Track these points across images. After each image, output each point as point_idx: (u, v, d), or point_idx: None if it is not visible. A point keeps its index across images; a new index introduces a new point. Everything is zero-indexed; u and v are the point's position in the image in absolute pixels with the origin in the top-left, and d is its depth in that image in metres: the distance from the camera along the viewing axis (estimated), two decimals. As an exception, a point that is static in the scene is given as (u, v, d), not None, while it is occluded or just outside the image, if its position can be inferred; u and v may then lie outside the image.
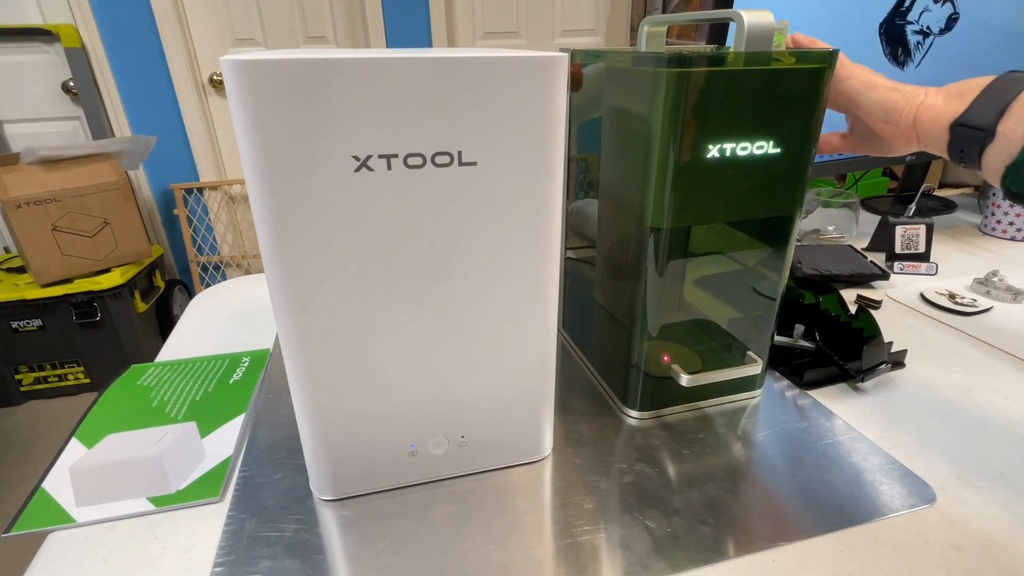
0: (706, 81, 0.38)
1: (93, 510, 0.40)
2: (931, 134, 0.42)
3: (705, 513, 0.40)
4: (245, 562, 0.37)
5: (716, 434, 0.48)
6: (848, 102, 0.47)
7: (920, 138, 0.44)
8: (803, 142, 0.42)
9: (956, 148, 0.41)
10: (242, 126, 0.29)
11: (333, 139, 0.30)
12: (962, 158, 0.40)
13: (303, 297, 0.34)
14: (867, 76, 0.45)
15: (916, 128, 0.43)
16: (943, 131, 0.41)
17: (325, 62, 0.29)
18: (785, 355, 0.57)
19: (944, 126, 0.41)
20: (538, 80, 0.32)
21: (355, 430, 0.39)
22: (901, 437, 0.47)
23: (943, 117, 0.41)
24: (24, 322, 1.63)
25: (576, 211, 0.57)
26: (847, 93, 0.46)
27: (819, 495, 0.41)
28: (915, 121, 0.43)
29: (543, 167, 0.35)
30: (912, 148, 0.46)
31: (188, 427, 0.48)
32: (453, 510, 0.41)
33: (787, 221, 0.46)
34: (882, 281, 0.74)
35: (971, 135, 0.39)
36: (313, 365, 0.36)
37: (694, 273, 0.46)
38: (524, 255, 0.37)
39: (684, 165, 0.40)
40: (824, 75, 0.41)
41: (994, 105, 0.38)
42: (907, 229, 0.79)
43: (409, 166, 0.32)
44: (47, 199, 1.54)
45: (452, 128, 0.32)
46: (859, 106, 0.46)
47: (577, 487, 0.43)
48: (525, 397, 0.42)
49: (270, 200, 0.31)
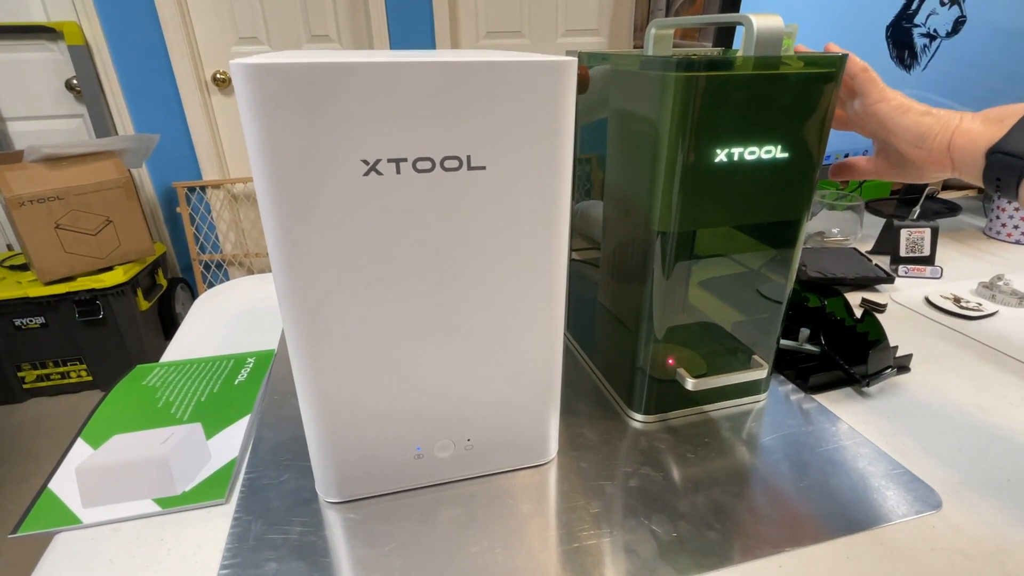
0: (714, 85, 0.38)
1: (99, 511, 0.40)
2: (967, 160, 0.41)
3: (711, 518, 0.40)
4: (251, 565, 0.37)
5: (721, 438, 0.48)
6: (879, 126, 0.45)
7: (955, 164, 0.42)
8: (811, 147, 0.42)
9: (992, 176, 0.39)
10: (252, 129, 0.29)
11: (342, 143, 0.30)
12: (998, 187, 0.39)
13: (311, 300, 0.34)
14: (900, 100, 0.44)
15: (951, 153, 0.42)
16: (979, 158, 0.40)
17: (335, 66, 0.29)
18: (790, 359, 0.57)
19: (980, 152, 0.39)
20: (548, 84, 0.32)
21: (361, 432, 0.39)
22: (907, 442, 0.47)
23: (980, 142, 0.40)
24: (27, 320, 1.64)
25: (579, 213, 0.57)
26: (878, 116, 0.45)
27: (824, 500, 0.41)
28: (950, 146, 0.42)
29: (552, 171, 0.35)
30: (945, 175, 0.45)
31: (194, 428, 0.48)
32: (459, 513, 0.41)
33: (794, 225, 0.46)
34: (887, 284, 0.74)
35: (1009, 163, 0.38)
36: (320, 367, 0.36)
37: (700, 276, 0.46)
38: (532, 259, 0.37)
39: (691, 169, 0.40)
40: (833, 80, 0.41)
41: None
42: (912, 232, 0.79)
43: (418, 170, 0.32)
44: (50, 197, 1.55)
45: (461, 132, 0.32)
46: (891, 131, 0.45)
47: (582, 491, 0.43)
48: (531, 400, 0.42)
49: (279, 203, 0.31)
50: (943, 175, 0.45)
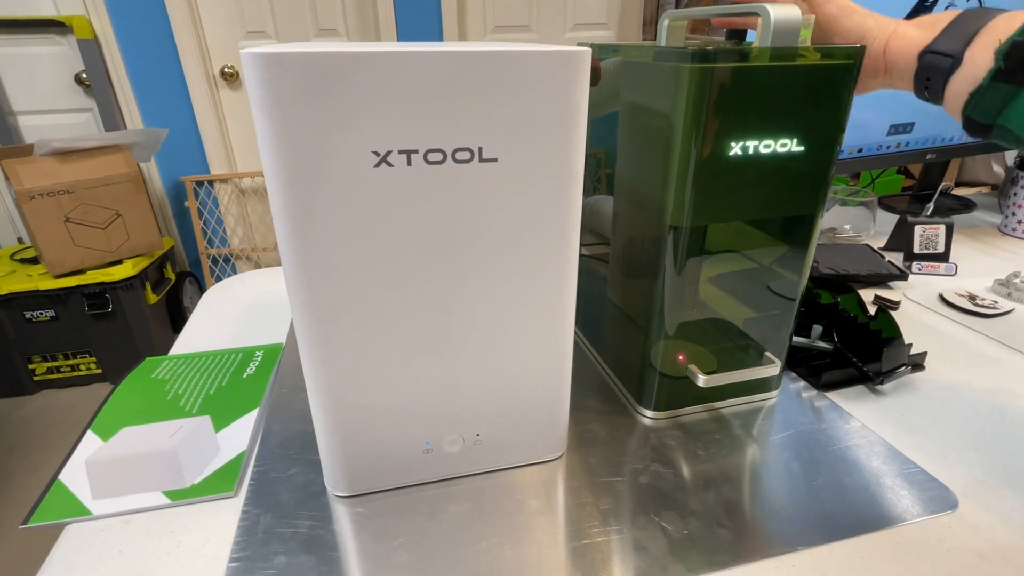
0: (730, 77, 0.38)
1: (109, 503, 0.40)
2: (899, 63, 0.43)
3: (722, 515, 0.39)
4: (260, 558, 0.37)
5: (732, 435, 0.48)
6: (823, 28, 0.46)
7: (887, 67, 0.44)
8: (827, 140, 0.42)
9: (922, 77, 0.41)
10: (261, 119, 0.29)
11: (352, 134, 0.30)
12: (927, 87, 0.41)
13: (321, 294, 0.34)
14: (844, 2, 0.45)
15: (886, 57, 0.43)
16: (912, 60, 0.41)
17: (345, 55, 0.28)
18: (802, 356, 0.56)
19: (913, 55, 0.41)
20: (562, 75, 0.32)
21: (370, 427, 0.39)
22: (921, 441, 0.46)
23: (913, 45, 0.41)
24: (37, 312, 1.65)
25: (589, 208, 0.56)
26: (825, 18, 0.45)
27: (837, 499, 0.41)
28: (886, 50, 0.43)
29: (565, 164, 0.34)
30: (879, 82, 0.46)
31: (203, 421, 0.48)
32: (467, 508, 0.41)
33: (808, 221, 0.45)
34: (900, 281, 0.73)
35: (939, 62, 0.40)
36: (329, 361, 0.36)
37: (712, 272, 0.46)
38: (543, 253, 0.36)
39: (705, 163, 0.40)
40: (852, 71, 0.40)
41: (963, 32, 0.39)
42: (926, 229, 0.78)
43: (429, 162, 0.32)
44: (60, 191, 1.55)
45: (473, 124, 0.31)
46: (834, 31, 0.45)
47: (592, 487, 0.42)
48: (541, 396, 0.42)
49: (289, 194, 0.31)
50: (878, 82, 0.46)
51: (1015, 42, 0.36)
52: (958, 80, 0.39)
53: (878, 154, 0.85)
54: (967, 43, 0.38)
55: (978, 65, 0.38)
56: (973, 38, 0.38)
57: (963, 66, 0.38)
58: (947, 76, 0.39)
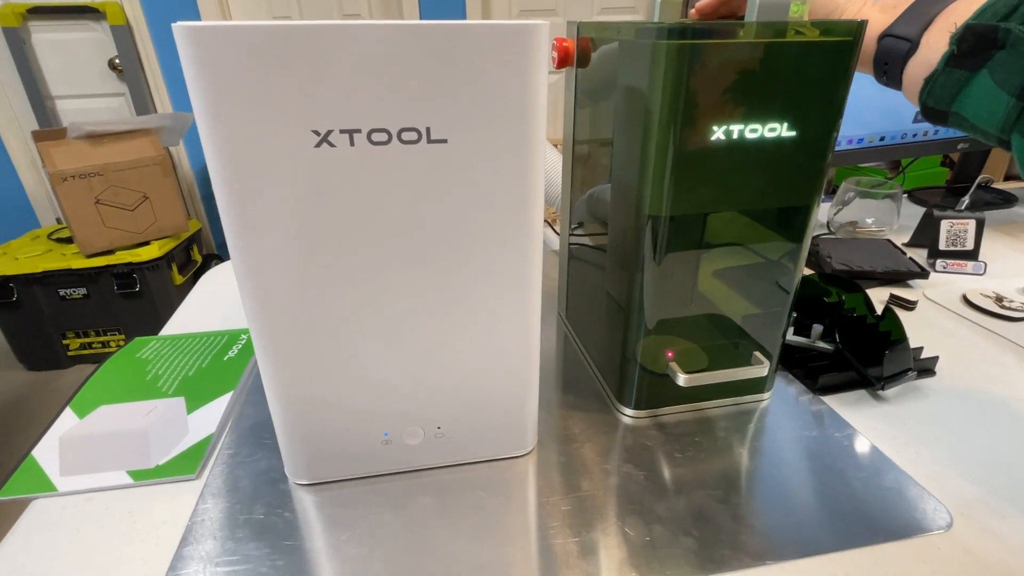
0: (710, 55, 0.35)
1: (75, 480, 0.41)
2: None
3: (690, 523, 0.37)
4: (210, 543, 0.36)
5: (715, 438, 0.45)
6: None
7: None
8: (822, 125, 0.38)
9: (881, 61, 0.39)
10: (196, 96, 0.28)
11: (290, 112, 0.29)
12: (885, 71, 0.39)
13: (266, 279, 0.33)
14: None
15: None
16: (872, 42, 0.40)
17: (278, 29, 0.27)
18: (801, 356, 0.53)
19: (873, 37, 0.39)
20: (514, 51, 0.30)
21: (325, 416, 0.38)
22: (921, 453, 0.43)
23: (873, 28, 0.39)
24: (70, 290, 1.72)
25: (594, 197, 0.54)
26: None
27: (818, 511, 0.38)
28: None
29: (521, 146, 0.32)
30: None
31: (176, 402, 0.48)
32: (428, 502, 0.39)
33: (803, 212, 0.42)
34: (920, 280, 0.68)
35: (896, 46, 0.38)
36: (279, 349, 0.35)
37: (700, 265, 0.43)
38: (501, 239, 0.34)
39: (685, 148, 0.37)
40: (850, 50, 0.37)
41: (922, 15, 0.37)
42: (954, 224, 0.72)
43: (373, 142, 0.30)
44: (91, 173, 1.60)
45: (419, 102, 0.30)
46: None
47: (558, 486, 0.41)
48: (505, 389, 0.40)
49: (228, 174, 0.30)
50: None
51: (969, 26, 0.33)
52: (914, 65, 0.37)
53: (902, 143, 0.79)
54: (925, 27, 0.37)
55: (933, 50, 0.36)
56: (931, 22, 0.36)
57: (919, 51, 0.37)
58: (904, 61, 0.38)
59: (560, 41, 0.49)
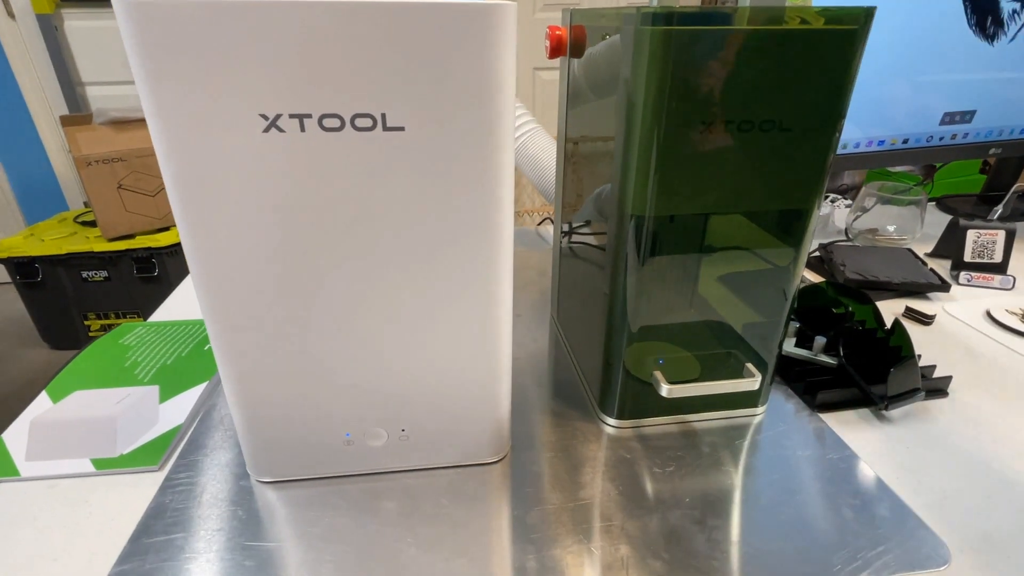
0: (698, 43, 0.32)
1: (39, 466, 0.40)
2: None
3: (661, 545, 0.35)
4: (162, 536, 0.35)
5: (699, 453, 0.42)
6: None
7: None
8: (822, 122, 0.35)
9: None
10: (139, 76, 0.27)
11: (236, 94, 0.27)
12: None
13: (219, 271, 0.31)
14: None
15: None
16: None
17: (221, 4, 0.25)
18: (801, 370, 0.50)
19: None
20: (477, 33, 0.28)
21: (282, 414, 0.36)
22: (923, 480, 0.40)
23: None
24: (92, 272, 1.75)
25: (603, 195, 0.52)
26: None
27: (803, 539, 0.35)
28: None
29: (486, 135, 0.30)
30: None
31: (150, 391, 0.47)
32: (390, 507, 0.38)
33: (801, 216, 0.39)
34: (940, 293, 0.64)
35: None
36: (234, 344, 0.34)
37: (689, 269, 0.40)
38: (466, 234, 0.32)
39: (671, 144, 0.35)
40: (857, 39, 0.34)
41: None
42: (981, 234, 0.68)
43: (325, 128, 0.28)
44: (114, 158, 1.63)
45: (373, 86, 0.28)
46: None
47: (526, 497, 0.39)
48: (473, 392, 0.38)
49: (174, 158, 0.28)
50: None
51: None
52: None
53: (928, 146, 0.74)
54: None
55: None
56: None
57: None
58: None
59: (553, 29, 0.47)
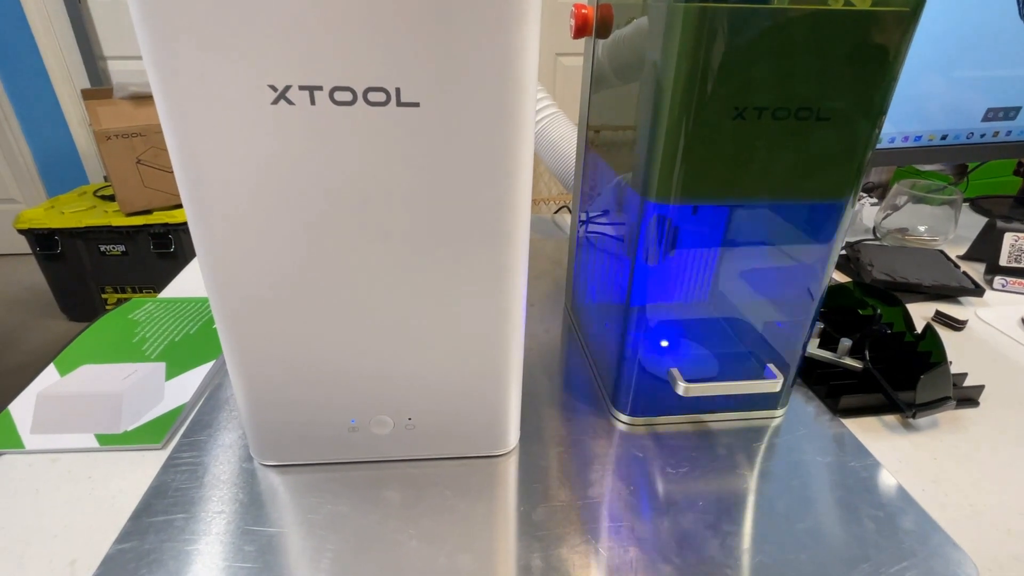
0: (734, 22, 0.30)
1: (44, 439, 0.40)
2: None
3: (672, 549, 0.34)
4: (162, 516, 0.35)
5: (715, 455, 0.41)
6: None
7: None
8: (863, 111, 0.33)
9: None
10: (143, 39, 0.25)
11: (244, 61, 0.26)
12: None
13: (224, 247, 0.30)
14: None
15: None
16: None
17: (229, -35, 0.24)
18: (824, 372, 0.48)
19: None
20: (496, 5, 0.26)
21: (286, 398, 0.35)
22: (951, 494, 0.38)
23: None
24: (110, 246, 1.77)
25: (626, 184, 0.50)
26: None
27: (820, 551, 0.34)
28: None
29: (506, 115, 0.28)
30: None
31: (156, 368, 0.47)
32: (393, 497, 0.37)
33: (836, 210, 0.37)
34: (973, 297, 0.61)
35: None
36: (239, 325, 0.33)
37: (713, 262, 0.39)
38: (481, 216, 0.31)
39: (699, 130, 0.33)
40: (908, 22, 0.31)
41: None
42: (1020, 237, 0.65)
43: (336, 102, 0.27)
44: (133, 133, 1.64)
45: (387, 59, 0.26)
46: None
47: (532, 493, 0.37)
48: (483, 383, 0.37)
49: (179, 130, 0.27)
50: None
51: None
52: None
53: (968, 143, 0.71)
54: None
55: None
56: None
57: None
58: None
59: (578, 8, 0.45)
